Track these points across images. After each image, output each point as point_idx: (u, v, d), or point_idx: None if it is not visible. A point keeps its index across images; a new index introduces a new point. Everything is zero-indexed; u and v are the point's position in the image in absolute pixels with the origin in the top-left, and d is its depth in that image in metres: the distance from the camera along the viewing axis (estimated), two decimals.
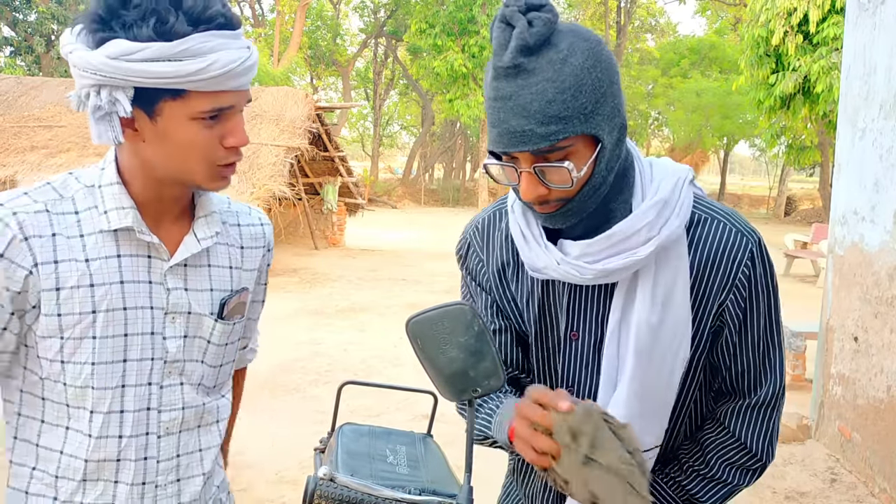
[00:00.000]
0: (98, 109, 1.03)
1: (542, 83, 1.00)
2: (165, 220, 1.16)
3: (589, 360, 1.21)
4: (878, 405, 3.93)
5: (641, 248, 1.09)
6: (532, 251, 1.15)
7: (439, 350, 1.01)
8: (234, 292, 1.23)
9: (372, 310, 8.80)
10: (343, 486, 1.53)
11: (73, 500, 1.15)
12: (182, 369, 1.18)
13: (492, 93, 1.04)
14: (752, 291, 1.16)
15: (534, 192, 1.06)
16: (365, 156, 46.00)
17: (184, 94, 1.02)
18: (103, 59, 1.00)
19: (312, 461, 2.04)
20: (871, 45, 4.18)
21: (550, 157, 1.03)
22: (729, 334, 1.19)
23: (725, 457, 1.23)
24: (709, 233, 1.15)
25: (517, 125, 1.01)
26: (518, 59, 1.00)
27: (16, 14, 21.01)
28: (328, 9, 36.82)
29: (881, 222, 4.00)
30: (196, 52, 1.00)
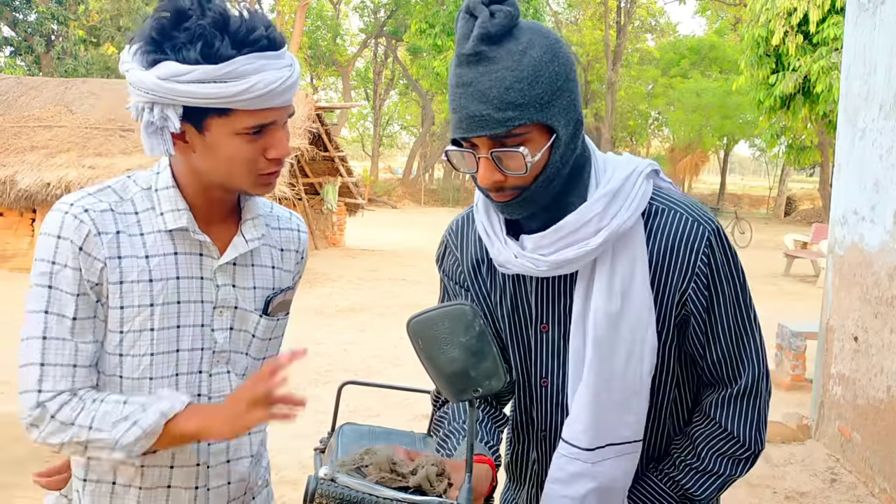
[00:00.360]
0: (150, 125, 1.12)
1: (502, 71, 1.05)
2: (214, 222, 1.25)
3: (559, 352, 1.24)
4: (878, 405, 3.93)
5: (592, 239, 1.12)
6: (494, 246, 1.19)
7: (440, 350, 1.01)
8: (278, 290, 1.32)
9: (372, 310, 8.80)
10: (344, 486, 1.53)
11: (133, 483, 1.23)
12: (228, 359, 1.27)
13: (454, 80, 1.08)
14: (713, 279, 1.17)
15: (490, 177, 1.09)
16: (365, 156, 46.00)
17: (229, 113, 1.10)
18: (155, 80, 1.07)
19: (312, 461, 2.05)
20: (871, 44, 4.18)
21: (507, 143, 1.07)
22: (696, 324, 1.20)
23: (715, 448, 1.23)
24: (666, 222, 1.17)
25: (476, 110, 1.06)
26: (479, 48, 1.05)
27: (16, 14, 21.00)
28: (328, 9, 36.81)
29: (881, 222, 4.00)
30: (240, 74, 1.07)
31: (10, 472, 3.87)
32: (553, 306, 1.22)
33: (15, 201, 10.98)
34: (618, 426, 1.19)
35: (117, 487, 1.24)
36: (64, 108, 12.32)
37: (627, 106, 36.93)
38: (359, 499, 1.53)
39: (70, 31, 20.90)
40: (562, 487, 1.21)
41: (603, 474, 1.20)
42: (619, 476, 1.21)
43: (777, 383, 6.18)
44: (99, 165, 10.98)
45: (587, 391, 1.17)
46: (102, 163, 11.06)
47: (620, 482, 1.22)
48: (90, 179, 10.74)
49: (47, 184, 10.82)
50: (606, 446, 1.19)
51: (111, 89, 12.97)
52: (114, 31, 21.46)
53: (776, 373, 6.28)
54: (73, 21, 20.92)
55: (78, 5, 21.01)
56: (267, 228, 1.33)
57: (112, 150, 11.46)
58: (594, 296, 1.16)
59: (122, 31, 21.38)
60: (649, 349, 1.17)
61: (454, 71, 1.09)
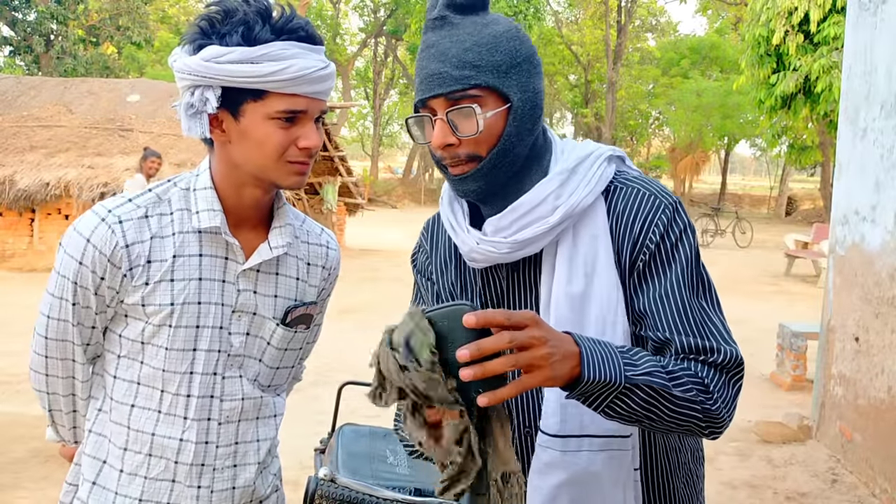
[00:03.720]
0: (191, 107, 1.18)
1: (463, 35, 1.11)
2: (245, 228, 1.29)
3: None
4: (879, 405, 3.93)
5: (550, 217, 1.13)
6: (459, 237, 1.20)
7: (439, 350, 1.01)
8: (300, 303, 1.34)
9: (372, 310, 8.80)
10: (344, 486, 1.52)
11: (138, 472, 1.26)
12: (241, 363, 1.29)
13: (422, 45, 1.14)
14: (667, 248, 1.12)
15: (443, 138, 1.12)
16: (365, 156, 46.01)
17: (263, 96, 1.17)
18: (198, 62, 1.16)
19: (312, 461, 2.04)
20: (872, 44, 4.18)
21: (461, 103, 1.11)
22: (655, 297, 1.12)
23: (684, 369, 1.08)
24: (625, 198, 1.17)
25: (435, 69, 1.11)
26: (444, 12, 1.12)
27: (15, 14, 21.01)
28: (328, 8, 36.81)
29: (882, 222, 3.99)
30: (275, 56, 1.15)
31: (10, 473, 3.86)
32: (522, 295, 1.22)
33: (14, 201, 10.98)
34: (593, 415, 1.12)
35: (123, 476, 1.27)
36: (63, 108, 12.31)
37: (628, 105, 36.93)
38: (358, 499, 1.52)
39: (69, 31, 20.91)
40: (536, 478, 1.15)
41: (575, 466, 1.13)
42: (599, 472, 1.13)
43: (778, 383, 6.17)
44: (98, 165, 10.98)
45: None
46: (102, 162, 11.06)
47: (605, 480, 1.13)
48: (89, 179, 10.74)
49: (46, 183, 10.81)
50: (583, 437, 1.13)
51: (110, 89, 12.98)
52: (113, 30, 21.47)
53: (777, 373, 6.28)
54: (73, 21, 20.92)
55: (77, 5, 21.01)
56: (296, 241, 1.36)
57: (111, 150, 11.46)
58: (555, 278, 1.16)
59: (122, 31, 21.37)
60: (621, 331, 1.13)
61: (423, 36, 1.15)
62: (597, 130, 36.59)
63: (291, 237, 1.33)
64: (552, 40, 36.33)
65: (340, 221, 16.30)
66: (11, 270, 10.96)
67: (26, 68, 21.33)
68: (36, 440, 4.31)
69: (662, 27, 41.54)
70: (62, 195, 10.84)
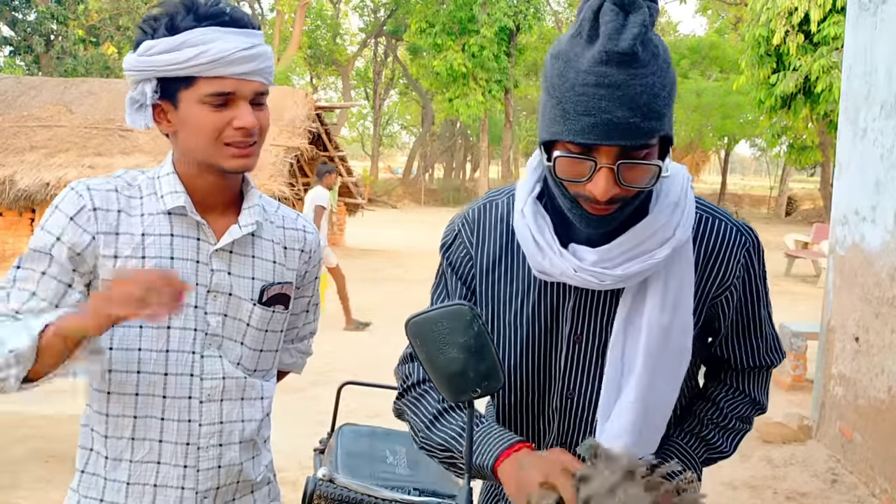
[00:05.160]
0: (133, 101, 1.25)
1: (650, 76, 0.97)
2: (214, 211, 1.32)
3: (591, 364, 1.20)
4: (878, 405, 3.92)
5: (658, 251, 1.09)
6: (546, 258, 1.12)
7: (439, 350, 1.01)
8: (275, 283, 1.37)
9: (372, 310, 8.80)
10: (343, 486, 1.52)
11: (122, 457, 1.28)
12: (220, 344, 1.31)
13: (592, 79, 0.97)
14: (749, 284, 1.22)
15: (610, 190, 1.01)
16: (365, 156, 46.02)
17: (193, 82, 1.21)
18: (134, 58, 1.23)
19: (312, 461, 2.04)
20: (872, 44, 4.18)
21: (636, 155, 1.00)
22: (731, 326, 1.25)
23: (737, 410, 1.31)
24: (711, 230, 1.18)
25: (622, 117, 0.96)
26: (636, 47, 0.96)
27: (15, 14, 21.00)
28: (328, 8, 36.80)
29: (882, 222, 3.99)
30: (194, 42, 1.19)
31: (10, 473, 3.86)
32: (592, 317, 1.18)
33: (14, 201, 10.99)
34: (654, 438, 1.19)
35: (109, 462, 1.29)
36: (63, 108, 12.31)
37: None
38: (358, 499, 1.52)
39: (69, 31, 20.90)
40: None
41: None
42: None
43: (778, 383, 6.18)
44: (98, 165, 10.97)
45: (634, 408, 1.14)
46: (102, 162, 11.06)
47: None
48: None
49: (46, 183, 10.81)
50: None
51: (110, 89, 12.97)
52: (113, 30, 21.47)
53: (777, 373, 6.29)
54: (73, 21, 20.91)
55: (77, 5, 21.00)
56: (271, 225, 1.39)
57: (111, 150, 11.46)
58: (647, 309, 1.12)
59: (122, 31, 21.38)
60: (686, 361, 1.17)
61: (592, 69, 0.97)
62: None
63: (260, 216, 1.36)
64: (552, 40, 36.27)
65: (340, 221, 16.29)
66: None
67: (26, 68, 21.32)
68: (36, 440, 4.31)
69: (662, 27, 41.55)
70: None
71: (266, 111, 1.29)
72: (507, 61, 27.87)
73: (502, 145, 31.14)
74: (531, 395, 1.25)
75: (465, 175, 43.34)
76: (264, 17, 36.50)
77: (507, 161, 30.86)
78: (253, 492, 1.40)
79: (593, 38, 0.98)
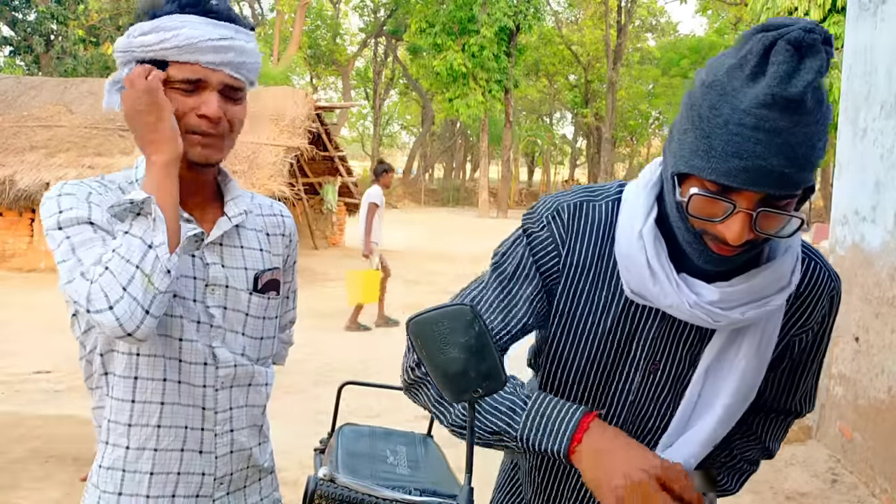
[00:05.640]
0: (114, 83, 1.29)
1: (813, 125, 0.91)
2: (197, 207, 1.33)
3: (664, 395, 1.18)
4: (879, 405, 3.93)
5: (775, 298, 1.06)
6: (658, 286, 1.06)
7: (440, 350, 1.01)
8: (266, 269, 1.39)
9: (372, 309, 8.80)
10: (343, 486, 1.52)
11: (146, 446, 1.27)
12: (223, 336, 1.32)
13: (751, 120, 0.90)
14: (821, 331, 1.20)
15: (745, 235, 0.96)
16: (365, 156, 46.01)
17: (165, 66, 1.23)
18: (121, 40, 1.27)
19: (312, 461, 2.04)
20: (872, 44, 4.18)
21: (777, 204, 0.95)
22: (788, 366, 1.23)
23: (747, 453, 1.30)
24: (805, 273, 1.14)
25: (777, 165, 0.90)
26: (807, 94, 0.89)
27: (15, 14, 20.99)
28: (328, 8, 36.81)
29: (882, 222, 3.99)
30: (165, 27, 1.22)
31: (10, 473, 3.86)
32: (673, 347, 1.15)
33: (14, 201, 10.98)
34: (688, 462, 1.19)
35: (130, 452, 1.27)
36: (63, 108, 12.31)
37: (628, 105, 36.94)
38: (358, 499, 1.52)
39: (69, 31, 20.90)
40: None
41: None
42: None
43: None
44: (98, 165, 10.97)
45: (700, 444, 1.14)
46: (102, 162, 11.05)
47: None
48: None
49: (46, 184, 10.80)
50: None
51: None
52: (113, 30, 21.46)
53: None
54: (73, 21, 20.91)
55: (77, 5, 21.00)
56: (251, 215, 1.41)
57: (111, 150, 11.45)
58: (742, 354, 1.10)
59: (122, 31, 21.36)
60: (754, 394, 1.17)
61: (754, 110, 0.90)
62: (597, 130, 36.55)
63: (246, 204, 1.38)
64: (552, 40, 36.34)
65: (340, 221, 16.30)
66: (11, 270, 10.96)
67: (26, 68, 21.32)
68: (36, 440, 4.31)
69: (662, 27, 41.55)
70: None
71: (242, 107, 1.30)
72: (507, 61, 27.88)
73: (502, 145, 31.15)
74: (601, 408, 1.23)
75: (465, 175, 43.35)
76: (264, 17, 36.50)
77: (507, 161, 30.87)
78: (260, 479, 1.43)
79: (758, 76, 0.91)
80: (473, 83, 27.07)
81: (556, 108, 45.91)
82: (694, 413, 1.15)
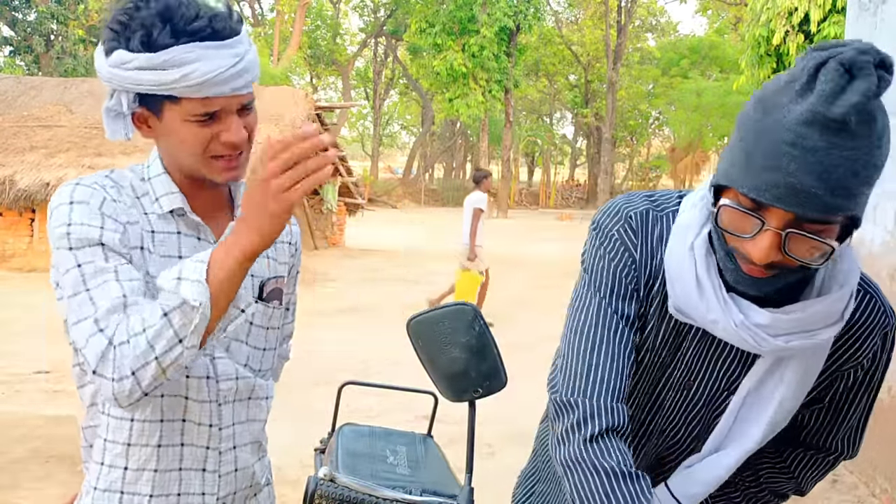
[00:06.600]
0: (110, 111, 1.18)
1: (856, 151, 0.88)
2: (208, 211, 1.27)
3: (694, 416, 1.18)
4: (879, 405, 3.92)
5: (823, 332, 1.03)
6: (705, 301, 1.04)
7: (440, 350, 1.01)
8: (271, 277, 1.34)
9: (372, 310, 8.80)
10: (343, 486, 1.52)
11: (146, 467, 1.22)
12: (228, 345, 1.27)
13: (790, 136, 0.89)
14: (872, 368, 1.15)
15: (770, 255, 0.94)
16: (365, 156, 46.02)
17: (178, 100, 1.13)
18: (108, 68, 1.14)
19: (312, 461, 2.04)
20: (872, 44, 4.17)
21: (808, 227, 0.92)
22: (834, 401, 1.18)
23: (775, 486, 1.26)
24: (858, 307, 1.11)
25: (808, 184, 0.88)
26: (850, 117, 0.86)
27: (15, 14, 20.99)
28: (328, 8, 36.81)
29: (882, 222, 3.99)
30: (177, 62, 1.10)
31: (10, 473, 3.86)
32: (710, 370, 1.13)
33: (14, 201, 10.98)
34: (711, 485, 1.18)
35: (129, 473, 1.22)
36: (63, 108, 12.32)
37: (628, 105, 36.93)
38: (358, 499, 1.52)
39: (69, 31, 20.90)
40: None
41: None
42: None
43: None
44: (98, 165, 10.97)
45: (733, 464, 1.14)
46: (102, 163, 11.05)
47: None
48: None
49: (46, 183, 10.81)
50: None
51: None
52: None
53: None
54: (73, 21, 20.91)
55: (77, 5, 21.00)
56: None
57: (112, 150, 11.45)
58: (783, 386, 1.08)
59: None
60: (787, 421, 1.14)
61: (795, 127, 0.88)
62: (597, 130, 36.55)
63: None
64: (552, 40, 36.34)
65: (340, 221, 16.29)
66: (11, 270, 10.96)
67: (26, 68, 21.32)
68: (36, 440, 4.31)
69: (662, 27, 41.54)
70: None
71: (253, 114, 1.23)
72: (507, 61, 27.88)
73: (502, 145, 31.15)
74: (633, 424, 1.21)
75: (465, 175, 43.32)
76: (264, 17, 36.50)
77: (507, 161, 30.86)
78: (256, 495, 1.39)
79: (806, 93, 0.89)
80: (473, 83, 27.07)
81: (556, 108, 45.91)
82: (727, 439, 1.14)
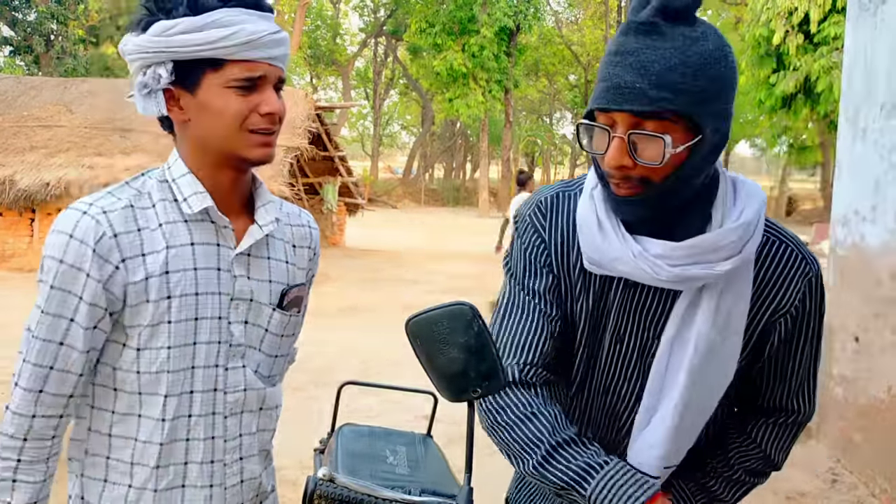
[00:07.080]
0: (144, 87, 1.16)
1: (670, 50, 0.99)
2: (230, 213, 1.24)
3: (632, 369, 1.19)
4: (879, 405, 3.92)
5: (721, 264, 1.07)
6: (607, 240, 1.10)
7: (439, 350, 1.01)
8: (292, 285, 1.31)
9: (372, 310, 8.80)
10: (343, 486, 1.52)
11: (147, 486, 1.20)
12: (244, 353, 1.25)
13: (613, 48, 1.02)
14: (802, 317, 1.18)
15: (619, 159, 1.02)
16: (365, 156, 46.01)
17: (221, 65, 1.14)
18: (147, 38, 1.14)
19: (312, 461, 2.04)
20: (872, 44, 4.17)
21: (648, 126, 1.00)
22: (772, 356, 1.20)
23: (746, 463, 1.27)
24: (775, 253, 1.15)
25: (630, 80, 0.99)
26: (655, 18, 1.00)
27: (15, 13, 20.99)
28: (328, 8, 36.80)
29: (882, 222, 3.99)
30: (222, 23, 1.12)
31: None
32: (637, 320, 1.17)
33: (14, 201, 10.98)
34: (682, 451, 1.18)
35: (132, 491, 1.21)
36: (63, 108, 12.31)
37: None
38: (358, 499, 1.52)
39: (69, 31, 20.90)
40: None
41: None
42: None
43: None
44: (98, 165, 10.97)
45: (672, 418, 1.13)
46: (102, 163, 11.05)
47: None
48: (89, 179, 10.74)
49: (46, 184, 10.81)
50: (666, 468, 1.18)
51: (111, 89, 12.96)
52: (113, 30, 21.48)
53: None
54: (73, 21, 20.91)
55: (78, 5, 21.00)
56: (280, 223, 1.32)
57: (111, 150, 11.45)
58: (698, 322, 1.11)
59: (122, 31, 21.38)
60: (727, 381, 1.16)
61: (617, 40, 1.03)
62: None
63: (277, 212, 1.30)
64: (552, 40, 36.33)
65: (340, 221, 16.29)
66: (11, 270, 10.96)
67: (26, 68, 21.32)
68: None
69: None
70: (62, 195, 10.83)
71: (283, 100, 1.22)
72: (507, 61, 27.88)
73: (502, 145, 31.15)
74: (575, 389, 1.24)
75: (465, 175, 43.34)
76: None
77: (507, 161, 30.86)
78: (262, 502, 1.37)
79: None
80: (473, 83, 27.06)
81: (556, 108, 45.90)
82: (663, 391, 1.15)
